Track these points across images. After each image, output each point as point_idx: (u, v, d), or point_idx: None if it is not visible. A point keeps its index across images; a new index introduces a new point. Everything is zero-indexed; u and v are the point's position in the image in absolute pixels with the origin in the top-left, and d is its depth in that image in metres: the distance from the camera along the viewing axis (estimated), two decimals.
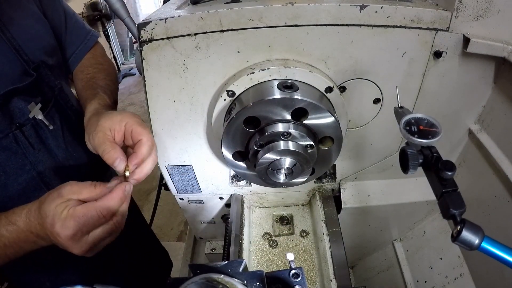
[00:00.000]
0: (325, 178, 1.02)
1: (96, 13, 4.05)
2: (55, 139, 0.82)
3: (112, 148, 0.62)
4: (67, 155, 0.86)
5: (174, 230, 2.19)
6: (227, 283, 0.37)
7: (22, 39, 0.75)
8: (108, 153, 0.61)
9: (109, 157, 0.61)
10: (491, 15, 0.67)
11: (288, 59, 0.72)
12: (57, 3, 0.90)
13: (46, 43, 0.83)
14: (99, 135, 0.64)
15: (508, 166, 0.77)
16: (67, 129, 0.86)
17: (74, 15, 0.96)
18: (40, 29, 0.82)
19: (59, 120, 0.84)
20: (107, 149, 0.62)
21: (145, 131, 0.66)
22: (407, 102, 0.81)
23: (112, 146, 0.63)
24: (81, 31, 0.96)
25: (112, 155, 0.61)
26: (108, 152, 0.61)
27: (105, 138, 0.63)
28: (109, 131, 0.64)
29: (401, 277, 1.13)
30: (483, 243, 0.43)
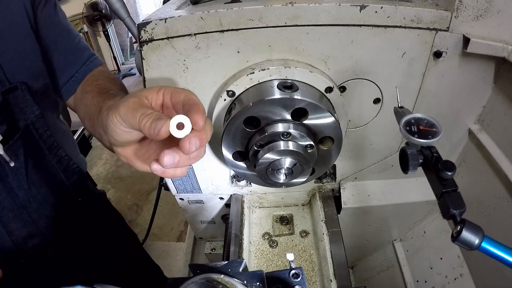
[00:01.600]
0: (325, 178, 1.02)
1: (96, 13, 4.05)
2: (16, 177, 0.69)
3: (151, 111, 0.45)
4: (29, 196, 0.72)
5: (174, 230, 2.19)
6: (227, 283, 0.37)
7: (3, 56, 0.64)
8: (147, 115, 0.44)
9: (151, 118, 0.44)
10: (491, 15, 0.67)
11: (288, 59, 0.72)
12: (56, 20, 0.80)
13: (31, 64, 0.72)
14: (132, 101, 0.47)
15: (508, 166, 0.77)
16: (33, 167, 0.72)
17: (78, 36, 0.86)
18: (27, 48, 0.71)
19: (24, 155, 0.69)
20: (146, 112, 0.44)
21: (187, 91, 0.49)
22: (407, 102, 0.81)
23: (152, 110, 0.46)
24: (83, 53, 0.85)
25: (154, 115, 0.44)
26: (148, 114, 0.44)
27: (141, 103, 0.47)
28: (145, 99, 0.49)
29: (401, 277, 1.13)
30: (483, 243, 0.43)
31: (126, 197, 2.52)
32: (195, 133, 0.44)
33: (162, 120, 0.42)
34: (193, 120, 0.43)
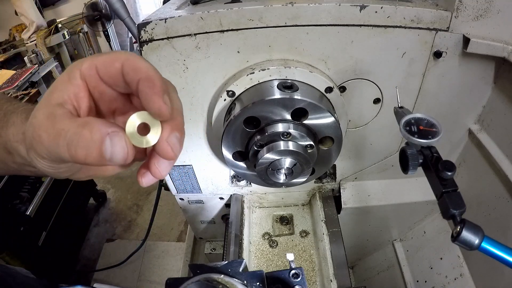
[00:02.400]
0: (325, 178, 1.02)
1: (96, 13, 4.05)
2: None
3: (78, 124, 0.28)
4: None
5: (174, 230, 2.19)
6: (227, 283, 0.37)
7: None
8: (79, 139, 0.27)
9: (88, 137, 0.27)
10: (491, 15, 0.67)
11: (288, 59, 0.72)
12: None
13: None
14: (45, 123, 0.28)
15: (508, 166, 0.77)
16: None
17: None
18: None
19: None
20: (73, 133, 0.27)
21: (124, 55, 0.30)
22: (407, 102, 0.81)
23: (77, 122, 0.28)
24: None
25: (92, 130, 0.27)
26: (79, 135, 0.27)
27: (56, 117, 0.28)
28: (61, 106, 0.29)
29: (401, 277, 1.13)
30: (483, 243, 0.43)
31: (126, 197, 2.52)
32: (167, 125, 0.30)
33: (116, 141, 0.27)
34: (152, 109, 0.28)
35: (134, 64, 0.29)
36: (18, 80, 2.18)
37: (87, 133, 0.27)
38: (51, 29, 3.63)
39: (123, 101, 0.34)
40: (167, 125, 0.30)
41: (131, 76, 0.29)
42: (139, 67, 0.29)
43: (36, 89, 2.01)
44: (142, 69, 0.29)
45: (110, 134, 0.27)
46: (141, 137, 0.29)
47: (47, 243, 1.70)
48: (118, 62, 0.29)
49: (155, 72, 0.29)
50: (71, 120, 0.28)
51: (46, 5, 4.20)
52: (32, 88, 2.22)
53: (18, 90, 2.06)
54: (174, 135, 0.30)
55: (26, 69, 2.39)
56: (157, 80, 0.29)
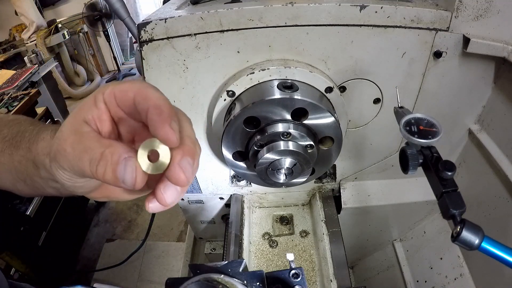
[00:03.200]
0: (325, 178, 1.02)
1: (96, 13, 4.05)
2: None
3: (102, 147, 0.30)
4: None
5: (174, 230, 2.19)
6: (227, 283, 0.37)
7: None
8: (101, 158, 0.29)
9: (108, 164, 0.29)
10: (491, 15, 0.67)
11: (288, 59, 0.72)
12: None
13: None
14: (70, 139, 0.31)
15: (508, 166, 0.77)
16: None
17: None
18: None
19: None
20: (95, 153, 0.30)
21: (137, 84, 0.32)
22: (407, 102, 0.81)
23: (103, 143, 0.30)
24: None
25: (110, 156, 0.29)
26: (100, 156, 0.29)
27: (82, 137, 0.31)
28: (86, 125, 0.32)
29: (401, 277, 1.13)
30: (483, 243, 0.43)
31: None
32: (178, 150, 0.30)
33: (128, 165, 0.29)
34: (159, 135, 0.29)
35: (145, 93, 0.30)
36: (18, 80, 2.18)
37: (109, 154, 0.29)
38: (51, 29, 3.63)
39: (142, 129, 0.35)
40: (178, 150, 0.30)
41: (142, 105, 0.30)
42: (149, 96, 0.30)
43: (36, 89, 2.01)
44: (151, 98, 0.30)
45: (126, 158, 0.29)
46: (151, 164, 0.30)
47: (47, 243, 1.70)
48: (131, 92, 0.31)
49: (164, 101, 0.30)
50: (96, 140, 0.30)
51: (46, 5, 4.20)
52: (32, 88, 2.22)
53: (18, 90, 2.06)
54: (185, 160, 0.30)
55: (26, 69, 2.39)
56: (165, 107, 0.30)
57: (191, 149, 0.31)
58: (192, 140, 0.32)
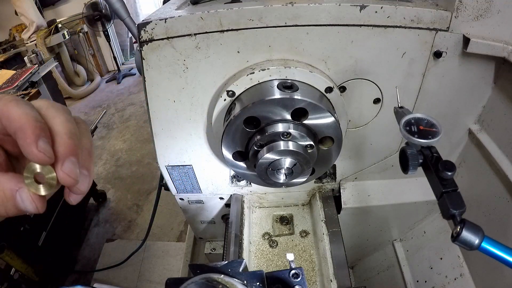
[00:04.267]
0: (325, 178, 1.02)
1: (96, 13, 4.05)
2: None
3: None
4: None
5: (174, 230, 2.19)
6: (227, 283, 0.37)
7: None
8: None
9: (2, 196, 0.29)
10: (491, 15, 0.67)
11: (288, 59, 0.72)
12: None
13: None
14: None
15: (508, 166, 0.77)
16: None
17: None
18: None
19: None
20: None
21: (15, 110, 0.28)
22: (407, 102, 0.81)
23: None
24: None
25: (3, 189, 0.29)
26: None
27: None
28: None
29: (401, 277, 1.13)
30: (483, 243, 0.43)
31: (126, 197, 2.52)
32: (57, 162, 0.29)
33: (23, 196, 0.29)
34: (32, 160, 0.28)
35: (7, 114, 0.28)
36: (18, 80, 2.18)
37: (1, 193, 0.28)
38: (51, 29, 3.63)
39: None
40: (56, 161, 0.29)
41: (9, 128, 0.28)
42: (12, 116, 0.28)
43: (36, 89, 2.01)
44: (14, 118, 0.28)
45: (19, 191, 0.28)
46: (43, 185, 0.29)
47: (47, 243, 1.70)
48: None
49: (27, 117, 0.28)
50: None
51: (46, 5, 4.21)
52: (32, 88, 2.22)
53: (18, 90, 2.06)
54: (67, 165, 0.29)
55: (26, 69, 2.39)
56: (29, 126, 0.27)
57: (68, 149, 0.29)
58: (67, 135, 0.30)
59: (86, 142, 0.33)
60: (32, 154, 0.27)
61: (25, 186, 0.29)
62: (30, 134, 0.27)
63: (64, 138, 0.29)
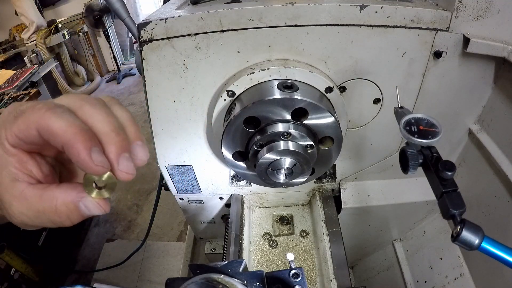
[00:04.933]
0: (325, 178, 1.02)
1: (96, 13, 4.05)
2: None
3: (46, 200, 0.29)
4: None
5: (174, 230, 2.19)
6: (227, 283, 0.37)
7: None
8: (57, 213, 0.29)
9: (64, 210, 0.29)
10: (491, 15, 0.67)
11: (288, 59, 0.72)
12: None
13: None
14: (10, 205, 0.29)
15: (508, 166, 0.77)
16: None
17: None
18: None
19: None
20: (45, 210, 0.29)
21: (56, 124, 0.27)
22: (407, 102, 0.81)
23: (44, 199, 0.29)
24: None
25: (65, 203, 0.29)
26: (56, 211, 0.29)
27: (24, 201, 0.29)
28: (17, 183, 0.29)
29: (401, 277, 1.13)
30: (483, 243, 0.43)
31: (126, 197, 2.52)
32: (112, 162, 0.28)
33: (87, 203, 0.29)
34: (90, 173, 0.28)
35: (48, 128, 0.27)
36: (18, 80, 2.18)
37: (62, 206, 0.29)
38: (51, 29, 3.63)
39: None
40: (111, 160, 0.28)
41: (52, 141, 0.27)
42: (55, 131, 0.26)
43: (36, 89, 2.01)
44: (58, 133, 0.26)
45: (81, 201, 0.29)
46: (103, 189, 0.30)
47: (47, 243, 1.70)
48: (32, 129, 0.27)
49: (72, 129, 0.26)
50: (38, 198, 0.29)
51: (46, 5, 4.21)
52: (32, 88, 2.22)
53: (18, 90, 2.06)
54: (122, 162, 0.29)
55: (26, 69, 2.39)
56: (77, 140, 0.26)
57: (119, 148, 0.29)
58: (114, 132, 0.29)
59: (125, 118, 0.32)
60: (89, 169, 0.27)
61: (87, 195, 0.29)
62: (82, 149, 0.26)
63: (112, 136, 0.29)
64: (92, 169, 0.27)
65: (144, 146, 0.32)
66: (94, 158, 0.26)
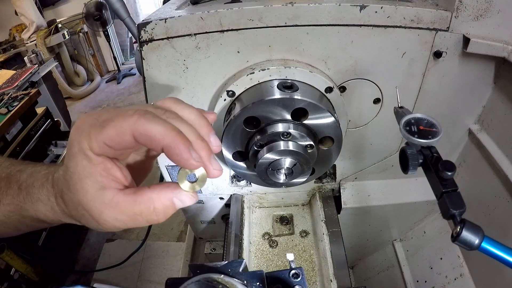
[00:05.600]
0: (325, 178, 1.02)
1: (96, 13, 4.05)
2: None
3: (141, 202, 0.31)
4: None
5: (174, 230, 2.19)
6: (227, 283, 0.37)
7: None
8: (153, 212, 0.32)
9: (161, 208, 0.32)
10: (491, 15, 0.67)
11: (288, 59, 0.72)
12: None
13: None
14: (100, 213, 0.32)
15: (508, 166, 0.77)
16: None
17: None
18: None
19: None
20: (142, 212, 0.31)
21: (154, 129, 0.30)
22: (407, 102, 0.81)
23: (138, 201, 0.31)
24: None
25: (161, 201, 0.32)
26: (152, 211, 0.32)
27: (116, 207, 0.31)
28: (106, 191, 0.31)
29: (401, 277, 1.13)
30: (483, 243, 0.43)
31: None
32: (204, 158, 0.32)
33: (183, 197, 0.32)
34: (191, 169, 0.31)
35: (145, 133, 0.29)
36: (18, 80, 2.18)
37: (160, 206, 0.32)
38: (51, 29, 3.63)
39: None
40: (203, 157, 0.32)
41: (150, 145, 0.30)
42: (153, 136, 0.29)
43: (36, 89, 2.01)
44: (157, 138, 0.29)
45: (176, 196, 0.32)
46: (196, 183, 0.33)
47: (47, 243, 1.69)
48: (127, 135, 0.29)
49: (169, 132, 0.29)
50: (132, 202, 0.31)
51: (46, 5, 4.20)
52: (32, 88, 2.22)
53: (18, 90, 2.06)
54: (213, 160, 0.33)
55: (26, 69, 2.39)
56: (178, 143, 0.29)
57: (207, 150, 0.33)
58: (200, 139, 0.33)
59: (196, 115, 0.37)
60: (190, 165, 0.30)
61: (181, 189, 0.33)
62: (184, 149, 0.29)
63: (199, 143, 0.32)
64: (192, 164, 0.30)
65: (215, 135, 0.36)
66: (193, 157, 0.30)
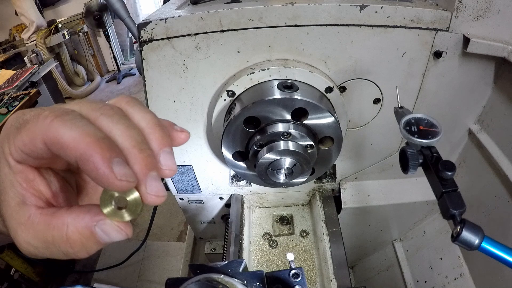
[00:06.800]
0: (325, 178, 1.02)
1: (96, 13, 4.05)
2: None
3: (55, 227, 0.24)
4: None
5: (174, 230, 2.19)
6: (227, 283, 0.37)
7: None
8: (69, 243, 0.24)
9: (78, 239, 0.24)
10: (491, 15, 0.67)
11: (288, 59, 0.72)
12: None
13: None
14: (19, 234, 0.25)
15: (508, 166, 0.77)
16: None
17: None
18: None
19: None
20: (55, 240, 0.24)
21: (65, 134, 0.22)
22: (407, 102, 0.81)
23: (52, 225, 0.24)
24: None
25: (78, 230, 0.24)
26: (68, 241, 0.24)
27: (31, 229, 0.24)
28: (24, 206, 0.25)
29: (401, 277, 1.13)
30: (483, 243, 0.43)
31: None
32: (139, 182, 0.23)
33: (106, 228, 0.24)
34: (112, 190, 0.23)
35: (56, 140, 0.22)
36: (18, 80, 2.18)
37: (75, 233, 0.24)
38: (51, 29, 3.63)
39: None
40: (138, 174, 0.23)
41: (64, 156, 0.22)
42: (65, 144, 0.22)
43: (36, 89, 2.01)
44: (68, 145, 0.22)
45: (97, 225, 0.24)
46: (125, 210, 0.24)
47: None
48: (39, 142, 0.23)
49: (85, 139, 0.22)
50: (48, 226, 0.24)
51: (46, 5, 4.21)
52: (32, 88, 2.22)
53: (18, 90, 2.06)
54: (150, 180, 0.24)
55: (26, 69, 2.39)
56: (93, 152, 0.21)
57: (144, 164, 0.23)
58: (137, 148, 0.24)
59: (148, 121, 0.26)
60: (111, 185, 0.22)
61: (105, 217, 0.24)
62: (101, 161, 0.21)
63: (134, 153, 0.23)
64: (114, 184, 0.22)
65: (172, 153, 0.26)
66: (116, 171, 0.21)
